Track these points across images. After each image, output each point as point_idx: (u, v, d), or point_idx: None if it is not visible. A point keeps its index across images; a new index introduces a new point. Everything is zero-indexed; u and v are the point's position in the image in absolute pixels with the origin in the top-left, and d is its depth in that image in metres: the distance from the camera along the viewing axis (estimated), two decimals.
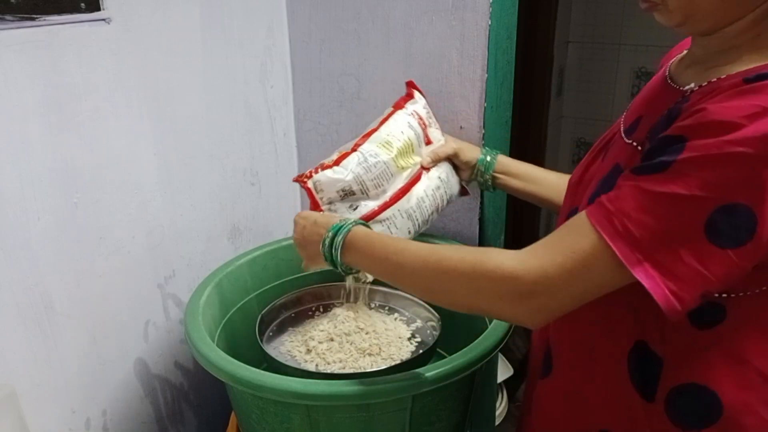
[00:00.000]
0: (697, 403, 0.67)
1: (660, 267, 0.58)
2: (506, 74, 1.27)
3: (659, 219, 0.57)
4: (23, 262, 0.91)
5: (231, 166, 1.28)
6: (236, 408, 1.01)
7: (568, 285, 0.62)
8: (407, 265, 0.72)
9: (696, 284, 0.58)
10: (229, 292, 1.13)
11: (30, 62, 0.87)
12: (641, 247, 0.58)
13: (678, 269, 0.58)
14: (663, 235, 0.57)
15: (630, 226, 0.58)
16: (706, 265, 0.57)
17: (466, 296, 0.68)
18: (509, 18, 1.23)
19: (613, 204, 0.60)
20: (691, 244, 0.57)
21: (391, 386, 0.81)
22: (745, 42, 0.64)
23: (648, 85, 0.79)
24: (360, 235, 0.80)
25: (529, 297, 0.63)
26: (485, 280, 0.65)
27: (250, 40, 1.28)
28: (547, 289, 0.62)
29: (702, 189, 0.56)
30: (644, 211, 0.58)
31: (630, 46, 2.52)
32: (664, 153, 0.59)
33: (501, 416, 1.94)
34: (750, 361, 0.66)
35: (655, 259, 0.58)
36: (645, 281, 0.58)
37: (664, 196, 0.57)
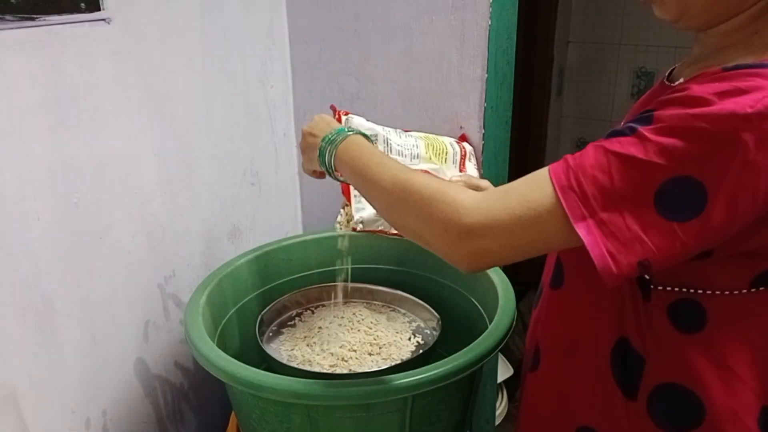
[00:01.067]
0: (679, 405, 0.67)
1: (602, 226, 0.58)
2: (506, 74, 1.27)
3: (612, 178, 0.58)
4: (23, 262, 0.91)
5: (231, 166, 1.28)
6: (236, 408, 1.01)
7: (514, 233, 0.61)
8: (380, 179, 0.72)
9: (635, 250, 0.58)
10: (229, 292, 1.13)
11: (30, 62, 0.87)
12: (588, 203, 0.58)
13: (619, 231, 0.58)
14: (612, 194, 0.58)
15: (583, 181, 0.59)
16: (649, 233, 0.57)
17: (415, 220, 0.68)
18: (509, 18, 1.23)
19: (575, 160, 0.60)
20: (637, 209, 0.57)
21: (391, 386, 0.81)
22: (740, 41, 0.64)
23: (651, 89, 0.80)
24: (355, 142, 0.80)
25: (472, 236, 0.62)
26: (439, 209, 0.64)
27: (250, 40, 1.28)
28: (492, 232, 0.62)
29: (659, 156, 0.56)
30: (600, 169, 0.59)
31: (630, 46, 2.52)
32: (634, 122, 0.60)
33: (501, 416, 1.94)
34: (735, 369, 0.65)
35: (600, 217, 0.58)
36: (585, 237, 0.58)
37: (622, 157, 0.58)
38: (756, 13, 0.63)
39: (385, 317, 1.13)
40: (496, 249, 0.62)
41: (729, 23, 0.64)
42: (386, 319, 1.12)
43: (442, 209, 0.64)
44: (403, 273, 1.24)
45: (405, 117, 1.31)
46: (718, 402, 0.66)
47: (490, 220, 0.61)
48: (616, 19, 2.51)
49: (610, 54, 2.57)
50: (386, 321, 1.12)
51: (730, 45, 0.65)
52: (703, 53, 0.69)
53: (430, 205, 0.65)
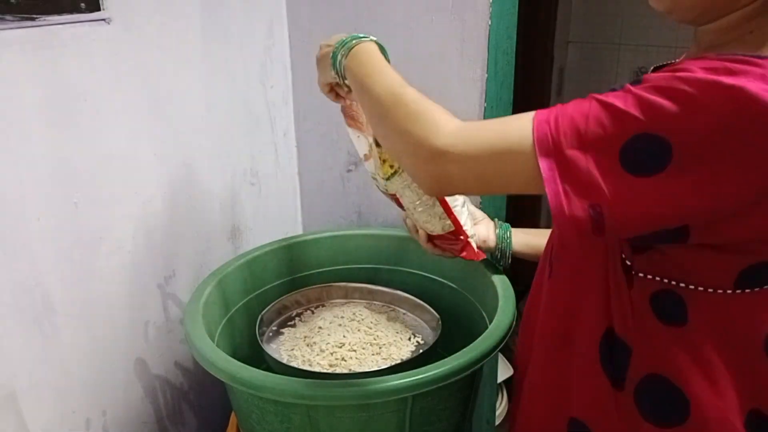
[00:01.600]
0: (664, 398, 0.67)
1: (563, 164, 0.59)
2: (506, 74, 1.27)
3: (587, 122, 0.59)
4: (23, 262, 0.91)
5: (231, 166, 1.28)
6: (236, 408, 1.01)
7: (481, 161, 0.62)
8: (376, 87, 0.73)
9: (588, 193, 0.59)
10: (229, 292, 1.13)
11: (30, 62, 0.87)
12: (557, 140, 0.59)
13: (579, 173, 0.59)
14: (582, 136, 0.59)
15: (560, 120, 0.60)
16: (606, 180, 0.58)
17: (394, 132, 0.69)
18: (509, 18, 1.23)
19: (560, 107, 0.62)
20: (602, 155, 0.58)
21: (391, 386, 0.81)
22: (734, 39, 0.64)
23: None
24: (366, 50, 0.79)
25: (440, 159, 0.63)
26: (417, 125, 0.66)
27: (250, 40, 1.28)
28: (460, 157, 0.63)
29: (635, 109, 0.57)
30: (579, 112, 0.60)
31: (630, 46, 2.52)
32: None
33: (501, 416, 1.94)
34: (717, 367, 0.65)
35: (564, 155, 0.59)
36: (545, 172, 0.59)
37: (601, 104, 0.60)
38: (751, 12, 0.63)
39: (385, 317, 1.13)
40: (461, 175, 0.64)
41: (724, 20, 0.64)
42: (386, 319, 1.12)
43: (420, 126, 0.65)
44: (403, 273, 1.24)
45: None
46: (703, 399, 0.65)
47: (461, 146, 0.63)
48: (616, 19, 2.51)
49: (610, 54, 2.57)
50: (386, 321, 1.12)
51: (724, 43, 0.65)
52: (699, 50, 0.69)
53: (412, 121, 0.67)
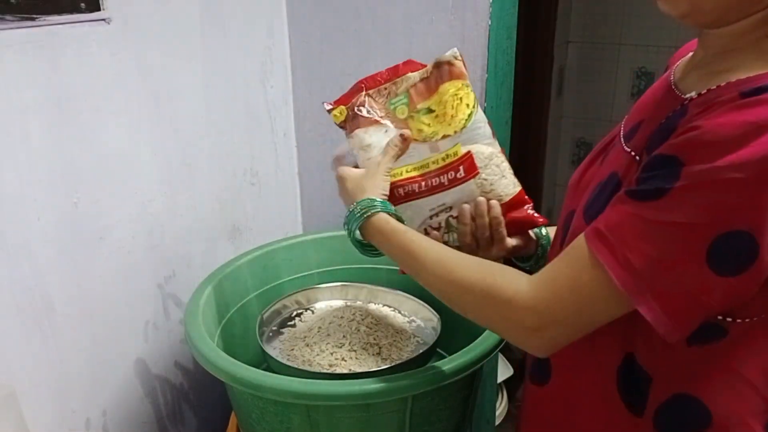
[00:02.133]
0: (685, 414, 0.67)
1: (660, 298, 0.57)
2: (506, 74, 1.27)
3: (659, 248, 0.57)
4: (23, 262, 0.91)
5: (231, 166, 1.28)
6: (236, 408, 1.01)
7: (576, 318, 0.63)
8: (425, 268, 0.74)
9: (697, 313, 0.58)
10: (229, 292, 1.13)
11: (30, 62, 0.87)
12: (642, 278, 0.57)
13: (679, 299, 0.57)
14: (663, 264, 0.57)
15: (630, 255, 0.58)
16: (708, 293, 0.57)
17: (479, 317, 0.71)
18: (509, 18, 1.23)
19: (613, 233, 0.59)
20: (691, 273, 0.56)
21: (391, 386, 0.81)
22: (748, 44, 0.62)
23: (652, 88, 0.77)
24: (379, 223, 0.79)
25: (538, 330, 0.64)
26: (498, 313, 0.67)
27: (250, 40, 1.28)
28: (555, 323, 0.63)
29: (701, 217, 0.55)
30: (644, 240, 0.57)
31: (630, 46, 2.52)
32: (659, 177, 0.58)
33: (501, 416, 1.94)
34: (741, 372, 0.64)
35: (656, 289, 0.57)
36: (647, 314, 0.58)
37: (664, 225, 0.57)
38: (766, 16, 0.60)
39: (384, 317, 1.13)
40: (564, 335, 0.65)
41: (737, 25, 0.62)
42: (386, 319, 1.12)
43: (501, 313, 0.66)
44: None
45: None
46: (725, 407, 0.65)
47: (550, 317, 0.63)
48: (616, 19, 2.51)
49: (610, 54, 2.57)
50: (386, 321, 1.12)
51: (738, 48, 0.62)
52: (708, 55, 0.66)
53: (489, 307, 0.67)
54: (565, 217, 0.80)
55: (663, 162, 0.58)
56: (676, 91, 0.69)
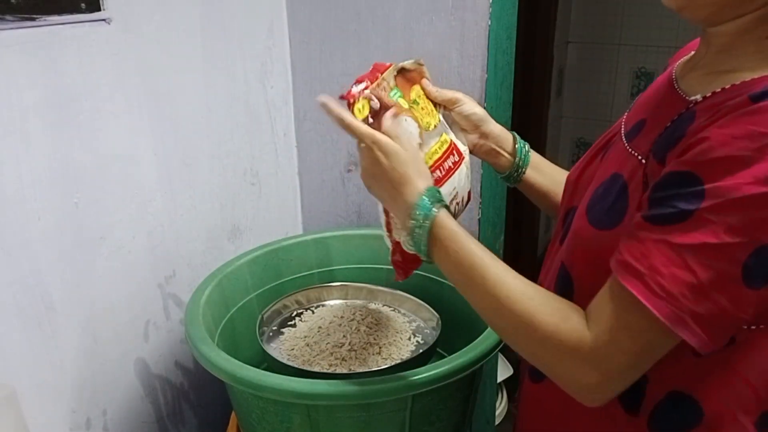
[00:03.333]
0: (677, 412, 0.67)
1: (701, 321, 0.56)
2: (506, 74, 1.27)
3: (694, 273, 0.56)
4: (23, 262, 0.91)
5: (231, 166, 1.29)
6: (236, 408, 1.01)
7: (636, 363, 0.62)
8: (480, 293, 0.69)
9: (733, 328, 0.59)
10: (230, 292, 1.13)
11: (30, 62, 0.87)
12: (680, 305, 0.56)
13: (718, 320, 0.57)
14: (700, 288, 0.56)
15: (664, 283, 0.57)
16: (743, 308, 0.56)
17: (532, 357, 0.68)
18: (509, 18, 1.23)
19: (642, 263, 0.58)
20: (728, 291, 0.56)
21: (391, 386, 0.82)
22: (749, 44, 0.61)
23: (653, 86, 0.76)
24: (444, 230, 0.71)
25: (599, 385, 0.63)
26: (557, 358, 0.64)
27: (250, 40, 1.28)
28: (618, 374, 0.62)
29: (732, 235, 0.54)
30: (676, 266, 0.56)
31: (630, 46, 2.52)
32: (680, 198, 0.57)
33: (501, 416, 1.94)
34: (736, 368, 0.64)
35: (696, 313, 0.56)
36: (690, 339, 0.57)
37: (696, 248, 0.55)
38: (766, 16, 0.60)
39: (385, 317, 1.13)
40: (623, 385, 0.63)
41: (736, 23, 0.61)
42: (386, 319, 1.12)
43: (563, 363, 0.64)
44: None
45: None
46: (716, 403, 0.65)
47: (613, 371, 0.61)
48: (616, 19, 2.51)
49: (610, 54, 2.57)
50: (386, 321, 1.12)
51: (739, 47, 0.62)
52: (709, 53, 0.66)
53: (547, 354, 0.65)
54: (565, 214, 0.80)
55: (680, 180, 0.57)
56: (679, 91, 0.68)
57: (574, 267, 0.73)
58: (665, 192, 0.58)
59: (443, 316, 1.09)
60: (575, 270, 0.73)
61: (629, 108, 0.79)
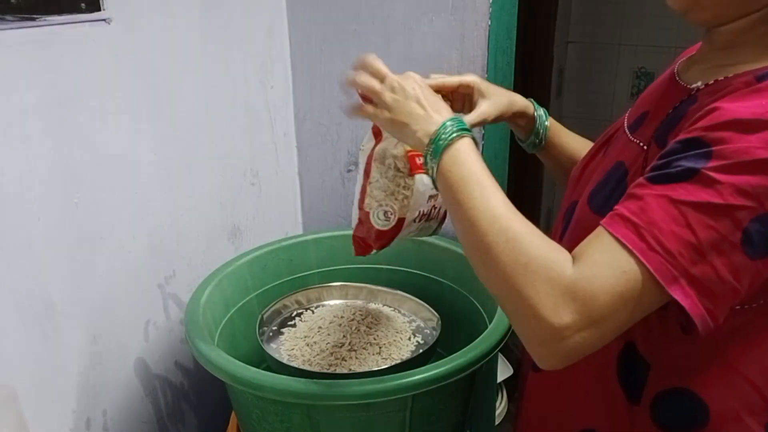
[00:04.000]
0: (683, 408, 0.67)
1: (697, 284, 0.54)
2: (506, 74, 1.27)
3: (694, 231, 0.54)
4: (23, 262, 0.91)
5: (231, 166, 1.29)
6: (236, 408, 1.01)
7: (610, 318, 0.56)
8: (477, 209, 0.62)
9: (729, 299, 0.56)
10: (230, 292, 1.13)
11: (30, 62, 0.87)
12: (677, 263, 0.54)
13: (714, 285, 0.55)
14: (699, 248, 0.54)
15: (663, 239, 0.54)
16: (740, 277, 0.55)
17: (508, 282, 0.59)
18: (509, 18, 1.23)
19: (640, 217, 0.55)
20: (727, 256, 0.54)
21: (391, 386, 0.81)
22: (752, 40, 0.62)
23: (655, 83, 0.77)
24: (459, 149, 0.66)
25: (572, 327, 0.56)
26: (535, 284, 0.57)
27: (250, 40, 1.28)
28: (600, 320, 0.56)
29: (736, 197, 0.53)
30: (677, 223, 0.54)
31: (630, 46, 2.52)
32: (686, 159, 0.55)
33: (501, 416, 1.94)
34: (738, 368, 0.64)
35: (692, 274, 0.54)
36: (683, 300, 0.54)
37: (698, 206, 0.54)
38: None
39: (385, 317, 1.13)
40: (599, 338, 0.57)
41: (740, 22, 0.62)
42: (386, 319, 1.12)
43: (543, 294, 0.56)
44: (403, 273, 1.24)
45: None
46: (722, 403, 0.65)
47: (593, 314, 0.55)
48: (616, 19, 2.51)
49: (610, 54, 2.57)
50: (386, 321, 1.12)
51: (741, 43, 0.63)
52: (711, 50, 0.66)
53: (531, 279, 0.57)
54: (567, 209, 0.81)
55: (687, 145, 0.56)
56: (680, 83, 0.69)
57: None
58: (671, 157, 0.57)
59: (443, 316, 1.09)
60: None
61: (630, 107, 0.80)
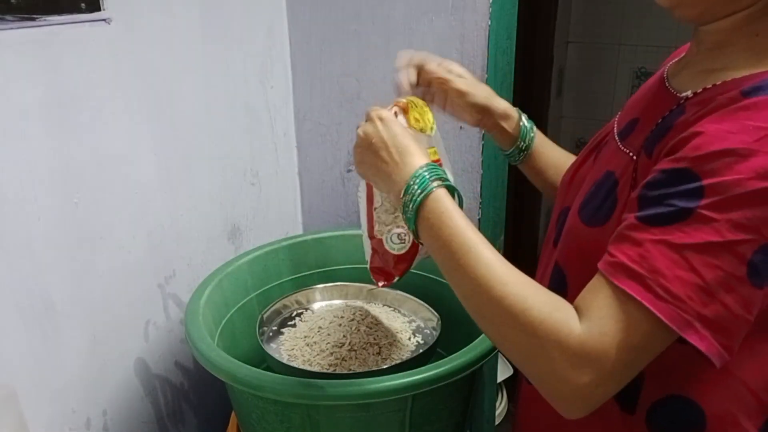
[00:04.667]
0: (679, 415, 0.66)
1: (710, 324, 0.54)
2: (506, 74, 1.27)
3: (699, 273, 0.53)
4: (23, 262, 0.91)
5: (231, 166, 1.29)
6: (236, 408, 1.01)
7: (623, 366, 0.57)
8: (468, 275, 0.64)
9: (743, 331, 0.56)
10: (230, 292, 1.13)
11: (30, 62, 0.87)
12: (687, 307, 0.54)
13: (727, 322, 0.54)
14: (707, 288, 0.53)
15: (670, 286, 0.54)
16: (749, 308, 0.55)
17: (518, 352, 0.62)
18: (509, 18, 1.23)
19: (642, 265, 0.55)
20: (735, 291, 0.54)
21: (391, 386, 0.82)
22: (740, 41, 0.62)
23: (644, 86, 0.76)
24: (440, 204, 0.67)
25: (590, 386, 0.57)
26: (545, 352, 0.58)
27: (250, 40, 1.28)
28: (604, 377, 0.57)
29: (736, 233, 0.52)
30: (681, 268, 0.54)
31: (630, 46, 2.52)
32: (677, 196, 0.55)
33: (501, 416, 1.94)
34: (735, 373, 0.64)
35: (704, 316, 0.54)
36: (699, 343, 0.54)
37: (699, 247, 0.53)
38: (756, 13, 0.60)
39: (385, 317, 1.13)
40: (617, 387, 0.58)
41: (727, 21, 0.61)
42: (386, 319, 1.12)
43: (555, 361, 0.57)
44: None
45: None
46: (719, 408, 0.64)
47: (608, 370, 0.56)
48: (616, 19, 2.51)
49: (610, 54, 2.57)
50: (386, 321, 1.12)
51: (729, 44, 0.62)
52: (699, 51, 0.66)
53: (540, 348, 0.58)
54: (559, 215, 0.80)
55: (675, 178, 0.55)
56: (670, 89, 0.68)
57: (568, 266, 0.73)
58: (659, 190, 0.56)
59: (443, 316, 1.09)
60: (569, 269, 0.72)
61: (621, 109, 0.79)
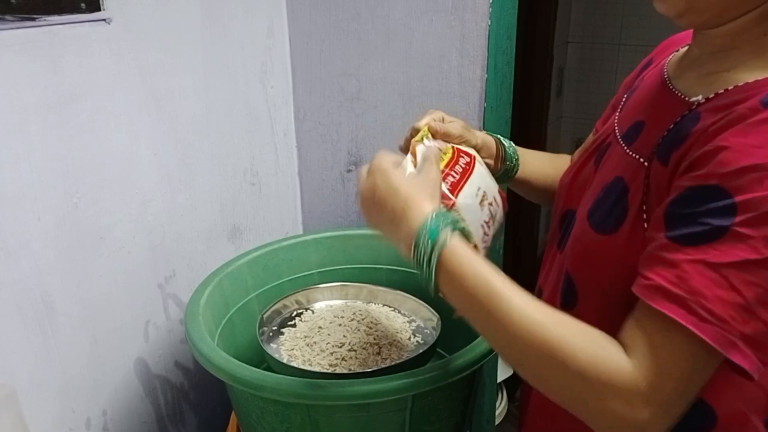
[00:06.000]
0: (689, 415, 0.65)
1: (752, 342, 0.54)
2: (506, 74, 1.27)
3: (739, 291, 0.53)
4: (23, 262, 0.91)
5: (231, 166, 1.29)
6: (236, 408, 1.01)
7: (684, 392, 0.57)
8: (501, 324, 0.60)
9: None
10: (230, 292, 1.13)
11: (30, 62, 0.87)
12: (730, 327, 0.53)
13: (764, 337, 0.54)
14: (748, 306, 0.53)
15: (711, 306, 0.53)
16: None
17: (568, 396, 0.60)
18: (509, 18, 1.23)
19: (681, 287, 0.54)
20: None
21: (391, 386, 0.81)
22: (747, 42, 0.60)
23: (644, 85, 0.75)
24: (454, 257, 0.63)
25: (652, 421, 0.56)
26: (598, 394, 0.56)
27: (250, 40, 1.28)
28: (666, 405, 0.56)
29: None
30: (720, 287, 0.53)
31: (630, 46, 2.53)
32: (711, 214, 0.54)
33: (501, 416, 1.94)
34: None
35: (746, 335, 0.54)
36: (742, 362, 0.54)
37: (737, 265, 0.53)
38: (764, 13, 0.59)
39: (385, 317, 1.13)
40: (677, 416, 0.58)
41: (735, 23, 0.60)
42: (386, 319, 1.12)
43: (610, 402, 0.56)
44: (403, 273, 1.24)
45: (405, 117, 1.31)
46: (729, 406, 0.64)
47: (666, 403, 0.56)
48: (616, 19, 2.52)
49: (610, 54, 2.57)
50: (386, 321, 1.12)
51: (737, 47, 0.61)
52: (704, 54, 0.65)
53: (592, 391, 0.56)
54: (561, 218, 0.80)
55: (706, 195, 0.55)
56: (676, 92, 0.67)
57: (578, 273, 0.71)
58: (690, 209, 0.56)
59: (443, 316, 1.09)
60: (579, 276, 0.71)
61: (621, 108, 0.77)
